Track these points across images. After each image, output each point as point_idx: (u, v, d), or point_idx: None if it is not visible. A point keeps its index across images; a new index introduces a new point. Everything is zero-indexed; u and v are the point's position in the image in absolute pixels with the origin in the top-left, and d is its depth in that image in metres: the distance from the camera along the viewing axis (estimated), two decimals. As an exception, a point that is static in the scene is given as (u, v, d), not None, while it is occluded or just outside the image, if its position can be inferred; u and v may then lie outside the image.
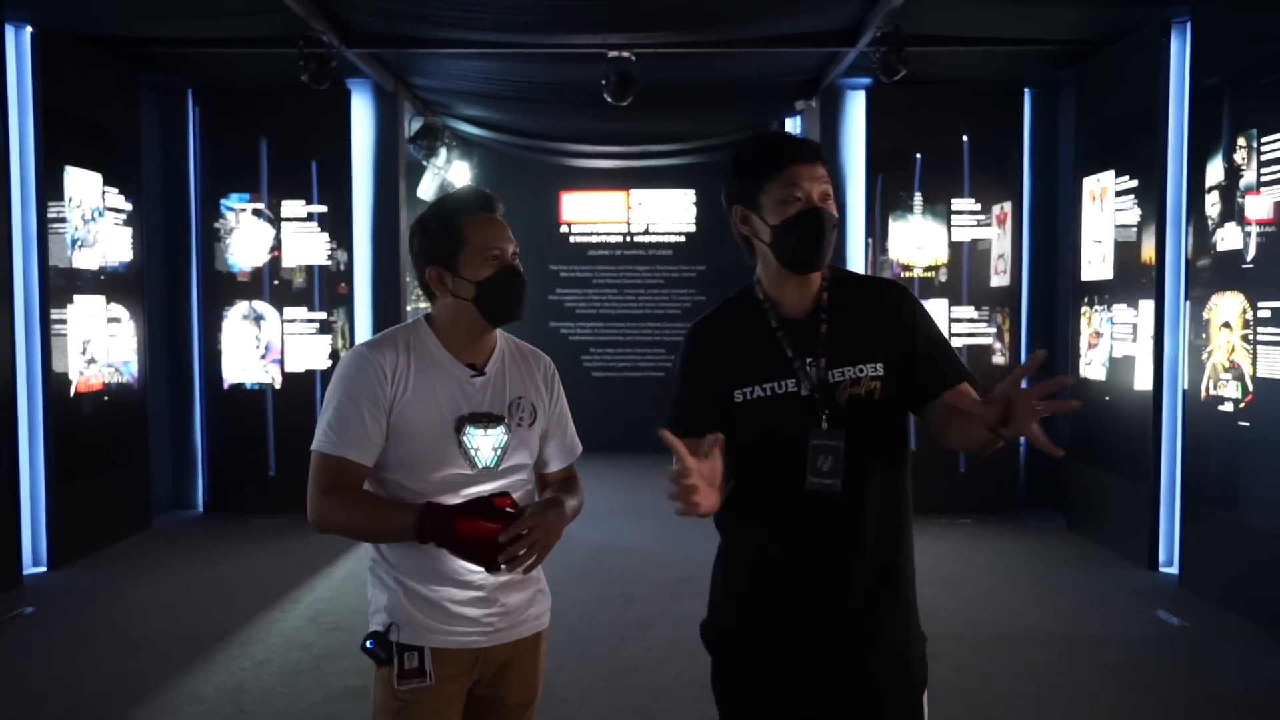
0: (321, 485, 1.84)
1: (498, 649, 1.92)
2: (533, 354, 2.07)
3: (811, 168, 1.74)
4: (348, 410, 1.83)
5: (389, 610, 1.88)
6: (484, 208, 1.92)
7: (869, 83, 6.72)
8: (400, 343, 1.90)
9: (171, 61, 6.45)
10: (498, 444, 1.91)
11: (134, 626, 4.62)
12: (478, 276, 1.87)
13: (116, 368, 6.24)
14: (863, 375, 1.74)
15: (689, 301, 10.02)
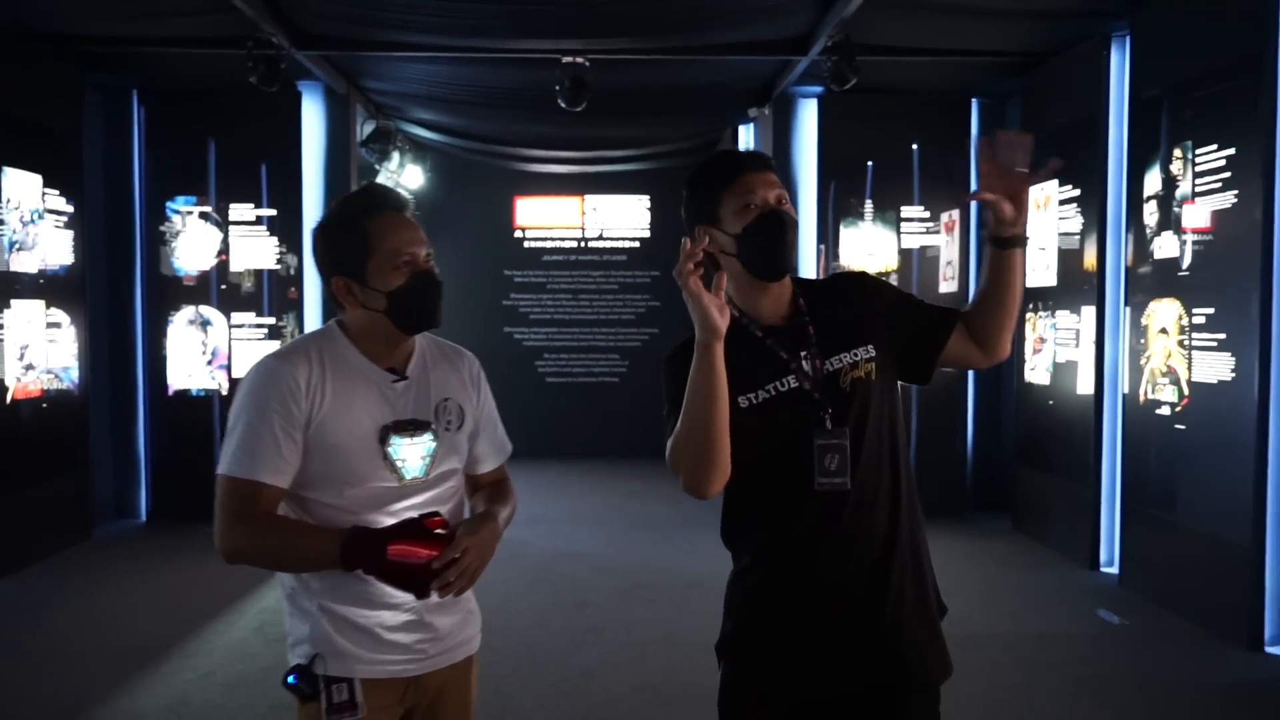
0: (232, 512, 1.67)
1: (430, 677, 1.81)
2: (455, 352, 1.96)
3: (762, 174, 1.76)
4: (259, 428, 1.67)
5: (312, 640, 1.74)
6: (392, 208, 1.77)
7: (821, 91, 6.80)
8: (312, 351, 1.75)
9: (117, 61, 6.33)
10: (426, 452, 1.78)
11: (72, 640, 4.51)
12: (388, 286, 1.73)
13: (56, 374, 6.10)
14: (858, 359, 1.77)
15: (643, 306, 10.05)
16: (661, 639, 4.47)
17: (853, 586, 1.75)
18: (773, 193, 1.76)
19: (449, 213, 9.86)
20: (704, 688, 3.84)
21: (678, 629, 4.61)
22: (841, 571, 1.75)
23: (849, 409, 1.74)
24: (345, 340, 1.79)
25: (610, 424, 9.91)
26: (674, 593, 5.20)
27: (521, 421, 9.68)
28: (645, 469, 9.12)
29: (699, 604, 4.99)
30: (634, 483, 8.54)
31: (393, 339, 1.80)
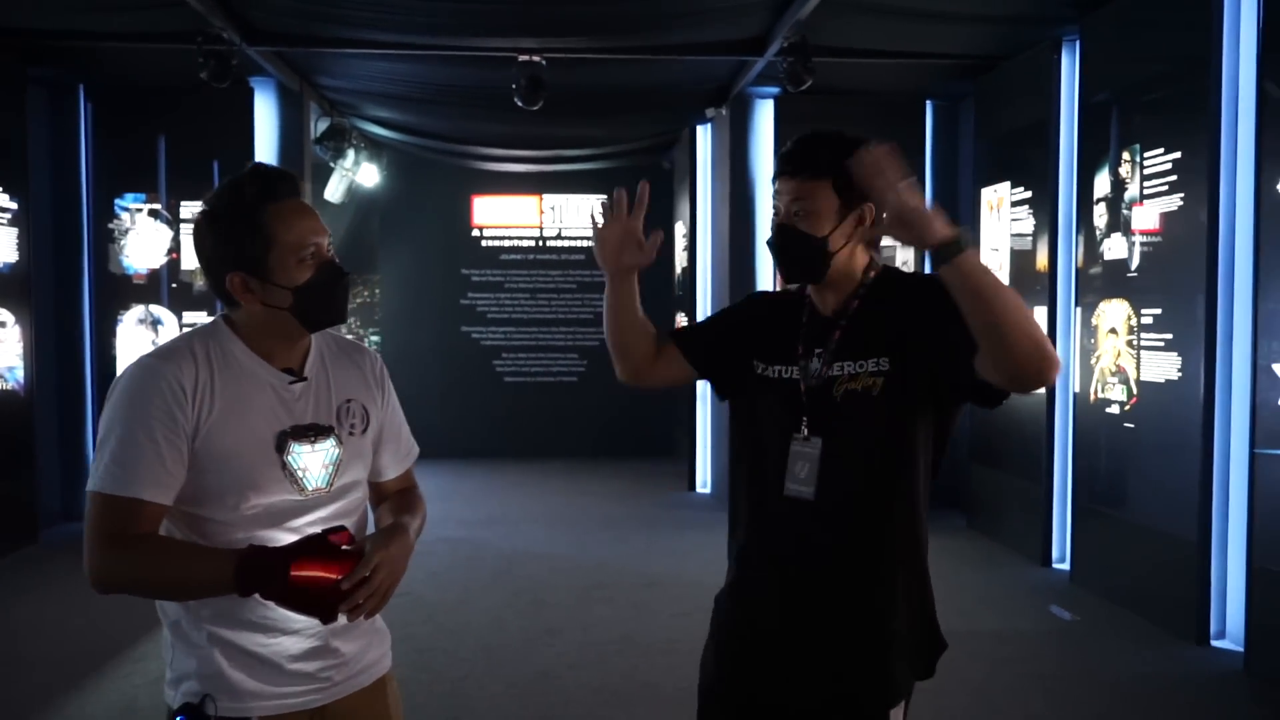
0: (106, 534, 1.48)
1: (337, 706, 1.64)
2: (356, 349, 1.77)
3: (784, 182, 1.78)
4: (138, 439, 1.48)
5: (200, 678, 1.55)
6: (289, 193, 1.58)
7: (777, 92, 6.84)
8: (197, 350, 1.56)
9: (63, 55, 6.19)
10: (329, 459, 1.61)
11: (17, 646, 4.41)
12: (294, 281, 1.55)
13: (1, 374, 5.95)
14: (862, 370, 1.72)
15: (601, 306, 9.98)
16: (620, 639, 4.47)
17: (795, 602, 1.77)
18: (785, 203, 1.78)
19: (406, 211, 9.78)
20: (662, 688, 3.86)
21: (636, 629, 4.61)
22: (787, 580, 1.77)
23: (831, 419, 1.73)
24: (234, 338, 1.60)
25: (568, 423, 9.89)
26: (632, 593, 5.20)
27: (479, 421, 9.78)
28: (603, 469, 9.12)
29: (657, 604, 5.00)
30: (592, 483, 8.53)
31: (291, 336, 1.63)
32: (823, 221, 1.75)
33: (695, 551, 6.11)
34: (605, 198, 1.93)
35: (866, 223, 1.77)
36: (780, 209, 1.78)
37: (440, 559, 5.86)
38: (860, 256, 1.80)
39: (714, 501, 7.66)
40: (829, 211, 1.75)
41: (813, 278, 1.81)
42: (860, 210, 1.76)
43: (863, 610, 1.74)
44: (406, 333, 9.86)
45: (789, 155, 1.78)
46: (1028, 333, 1.50)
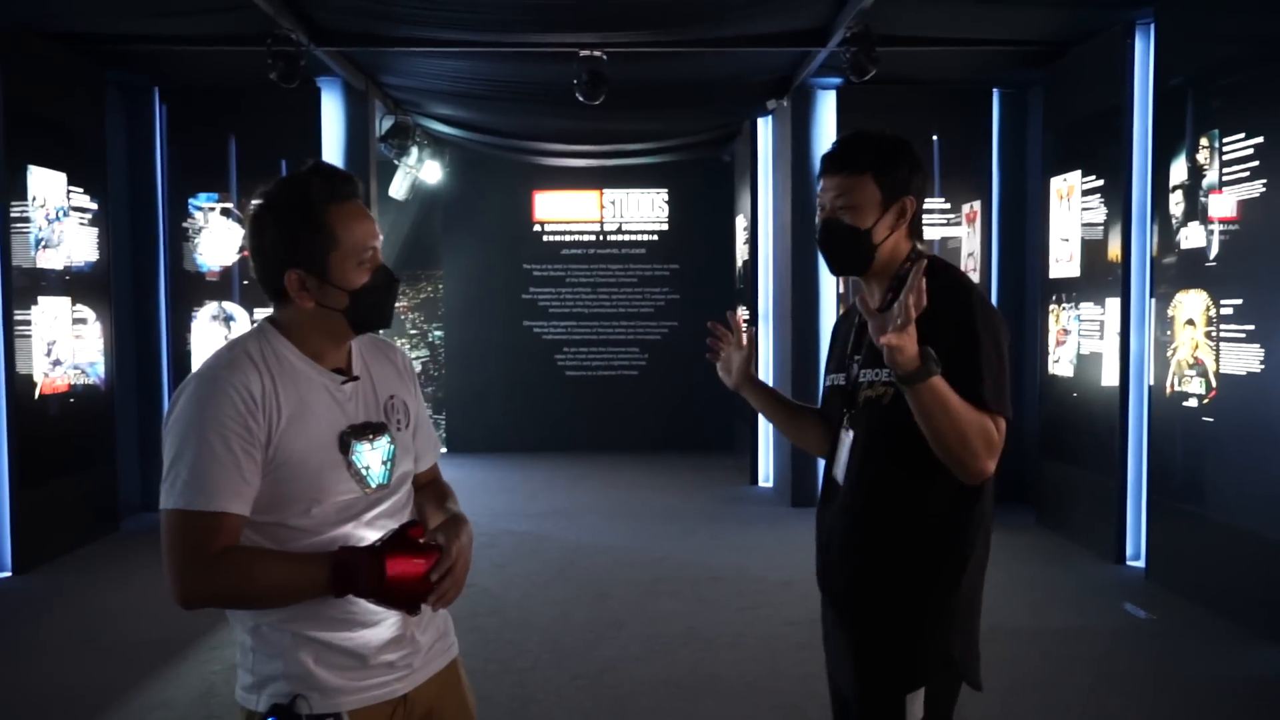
0: (192, 551, 1.46)
1: (418, 692, 1.66)
2: (385, 345, 1.79)
3: (827, 179, 1.88)
4: (215, 451, 1.47)
5: (288, 679, 1.54)
6: (351, 195, 1.58)
7: (839, 82, 6.76)
8: (255, 357, 1.56)
9: (138, 59, 6.37)
10: (386, 455, 1.63)
11: (101, 632, 4.56)
12: (352, 284, 1.56)
13: (83, 369, 6.16)
14: (877, 379, 1.84)
15: (662, 300, 10.04)
16: (684, 632, 4.47)
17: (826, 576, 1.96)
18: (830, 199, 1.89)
19: (468, 207, 9.89)
20: (727, 681, 3.86)
21: (700, 623, 4.61)
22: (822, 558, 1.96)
23: (860, 419, 1.88)
24: (283, 340, 1.60)
25: (630, 417, 9.91)
26: (696, 586, 5.20)
27: (541, 415, 9.86)
28: (665, 463, 9.13)
29: (722, 598, 4.99)
30: (655, 476, 8.54)
31: (337, 337, 1.64)
32: (866, 214, 1.86)
33: (758, 546, 6.09)
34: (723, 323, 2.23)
35: (908, 215, 1.88)
36: (825, 206, 1.89)
37: (505, 552, 5.93)
38: (902, 247, 1.90)
39: (776, 496, 7.62)
40: (871, 204, 1.86)
41: (859, 269, 1.91)
42: (901, 203, 1.87)
43: (881, 593, 1.84)
44: (469, 328, 9.97)
45: (831, 154, 1.90)
46: (959, 451, 1.69)
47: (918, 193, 1.89)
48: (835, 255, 1.92)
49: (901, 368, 1.65)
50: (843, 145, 1.90)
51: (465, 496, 5.64)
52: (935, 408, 1.67)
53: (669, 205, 10.00)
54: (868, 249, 1.86)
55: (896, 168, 1.87)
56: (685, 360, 9.85)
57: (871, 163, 1.85)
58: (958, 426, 1.67)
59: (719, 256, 9.51)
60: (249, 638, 1.59)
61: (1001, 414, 1.73)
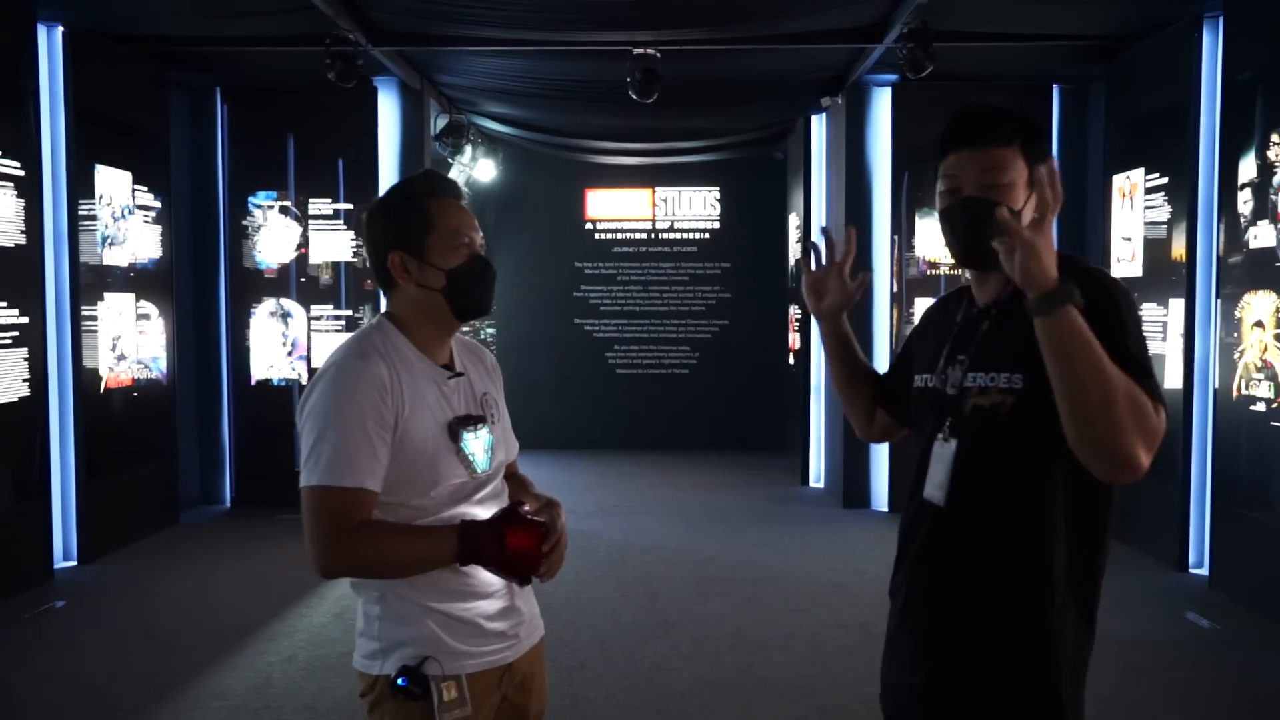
0: (334, 524, 1.61)
1: (519, 661, 1.82)
2: (477, 346, 1.95)
3: (967, 154, 1.59)
4: (354, 433, 1.62)
5: (416, 643, 1.69)
6: (452, 193, 1.77)
7: (895, 79, 6.68)
8: (380, 349, 1.72)
9: (200, 60, 6.50)
10: (487, 444, 1.79)
11: (161, 622, 4.67)
12: (448, 264, 1.72)
13: (146, 364, 6.31)
14: (992, 385, 1.57)
15: (713, 298, 10.01)
16: (733, 633, 4.45)
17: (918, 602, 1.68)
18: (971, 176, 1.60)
19: (521, 205, 9.94)
20: (776, 683, 3.84)
21: (750, 623, 4.59)
22: (912, 583, 1.69)
23: (965, 429, 1.63)
24: (399, 334, 1.76)
25: (681, 416, 9.90)
26: (746, 586, 5.18)
27: (592, 413, 9.89)
28: (715, 462, 9.10)
29: (771, 599, 4.96)
30: (704, 476, 8.52)
31: (445, 328, 1.79)
32: (1017, 193, 1.58)
33: (809, 547, 6.04)
34: (814, 241, 1.98)
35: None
36: (960, 185, 1.60)
37: (554, 548, 5.94)
38: None
39: (827, 496, 7.56)
40: (1021, 182, 1.58)
41: (974, 260, 1.65)
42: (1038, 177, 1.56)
43: (981, 624, 1.59)
44: (521, 325, 10.03)
45: (966, 126, 1.61)
46: (1102, 419, 1.39)
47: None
48: (978, 242, 1.55)
49: (1037, 283, 1.40)
50: (978, 114, 1.61)
51: (517, 494, 5.36)
52: (1074, 344, 1.39)
53: (721, 203, 9.96)
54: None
55: (1038, 138, 1.60)
56: (736, 359, 9.83)
57: (1018, 133, 1.58)
58: (1102, 379, 1.38)
59: (771, 255, 9.45)
60: (377, 607, 1.73)
61: (1156, 398, 1.43)
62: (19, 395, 5.08)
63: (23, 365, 5.11)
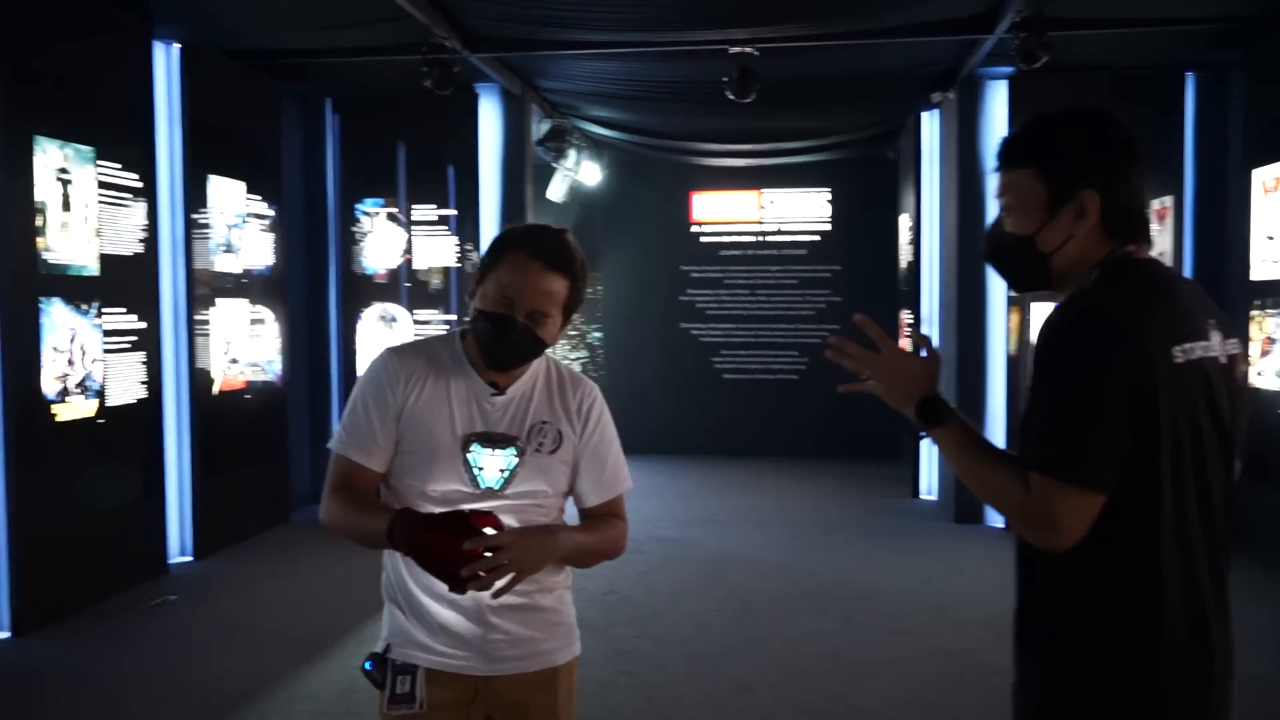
0: (330, 484, 1.83)
1: (506, 684, 1.80)
2: (573, 381, 1.93)
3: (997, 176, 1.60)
4: (360, 411, 1.81)
5: (390, 628, 1.83)
6: (534, 254, 1.76)
7: (1011, 71, 6.33)
8: (426, 351, 1.86)
9: (310, 71, 6.68)
10: (506, 465, 1.80)
11: (263, 619, 4.78)
12: (482, 306, 1.78)
13: (260, 367, 6.51)
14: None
15: (823, 302, 9.75)
16: (827, 655, 4.27)
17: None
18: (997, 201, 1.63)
19: (626, 209, 9.90)
20: (866, 712, 3.64)
21: (845, 645, 4.39)
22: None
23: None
24: (460, 347, 1.86)
25: (787, 422, 9.67)
26: (845, 605, 4.97)
27: (697, 418, 9.76)
28: (822, 471, 8.86)
29: (871, 619, 4.74)
30: (809, 484, 8.29)
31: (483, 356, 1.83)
32: (1029, 217, 1.52)
33: (916, 564, 5.77)
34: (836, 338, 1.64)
35: (1090, 213, 1.48)
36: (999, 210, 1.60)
37: (651, 558, 5.86)
38: (1092, 253, 1.51)
39: (939, 510, 7.23)
40: (1036, 205, 1.51)
41: (1033, 283, 1.59)
42: (1078, 199, 1.49)
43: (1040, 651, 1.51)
44: (626, 329, 9.99)
45: (998, 147, 1.59)
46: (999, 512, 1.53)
47: (1106, 183, 1.48)
48: (1000, 268, 1.63)
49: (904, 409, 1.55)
50: (1010, 134, 1.59)
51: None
52: (950, 459, 1.53)
53: (831, 205, 9.70)
54: (1034, 261, 1.53)
55: (1065, 155, 1.50)
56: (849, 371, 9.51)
57: (1033, 151, 1.52)
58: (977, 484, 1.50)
59: (882, 258, 9.13)
60: (383, 593, 1.87)
61: (1053, 474, 1.37)
62: (137, 397, 5.30)
63: (140, 368, 5.33)
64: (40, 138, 4.65)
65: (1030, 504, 1.40)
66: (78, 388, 4.87)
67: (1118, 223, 1.50)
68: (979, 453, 1.49)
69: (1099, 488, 1.37)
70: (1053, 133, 1.53)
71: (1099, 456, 1.37)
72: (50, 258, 4.71)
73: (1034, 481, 1.39)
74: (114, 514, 5.12)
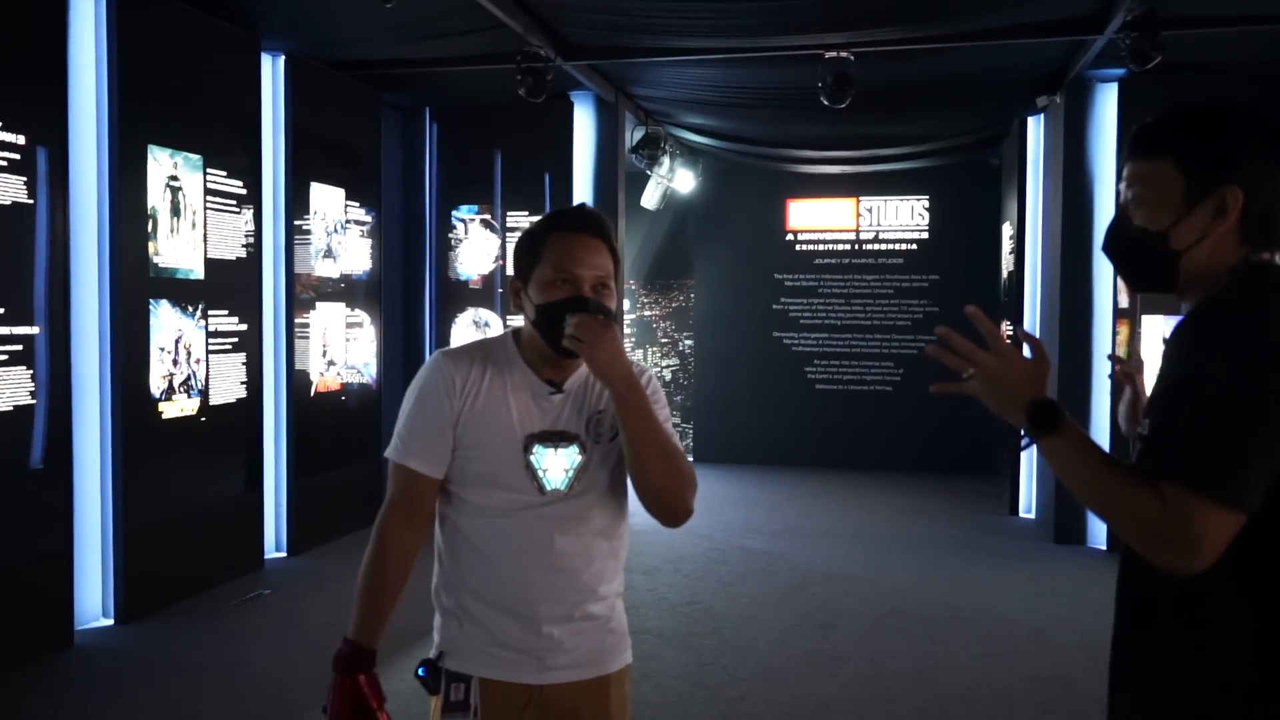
0: (391, 492, 1.81)
1: (559, 692, 1.77)
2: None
3: (1127, 165, 1.47)
4: (416, 418, 1.78)
5: (443, 635, 1.81)
6: (577, 227, 1.75)
7: (1122, 74, 6.06)
8: (479, 353, 1.82)
9: (410, 81, 6.83)
10: (570, 465, 1.76)
11: (348, 618, 4.85)
12: (541, 299, 1.73)
13: (357, 369, 6.68)
14: (1141, 432, 1.42)
15: (920, 312, 9.51)
16: (911, 676, 4.13)
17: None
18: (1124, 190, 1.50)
19: (720, 216, 9.85)
20: (947, 740, 3.49)
21: (930, 667, 4.24)
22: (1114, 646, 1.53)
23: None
24: (514, 348, 1.82)
25: (881, 434, 9.46)
26: (931, 625, 4.81)
27: (788, 428, 9.64)
28: (915, 485, 8.63)
29: (958, 641, 4.58)
30: (901, 499, 8.08)
31: (547, 355, 1.78)
32: (1162, 211, 1.40)
33: (1009, 585, 5.56)
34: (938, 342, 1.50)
35: (1230, 212, 1.36)
36: (1121, 201, 1.48)
37: (734, 569, 5.78)
38: (1224, 256, 1.39)
39: (1037, 529, 6.96)
40: (1171, 198, 1.39)
41: (1157, 284, 1.45)
42: (1220, 194, 1.36)
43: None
44: (719, 337, 9.92)
45: (1133, 134, 1.46)
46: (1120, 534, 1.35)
47: (1252, 180, 1.36)
48: (1123, 265, 1.50)
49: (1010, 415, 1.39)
50: (1149, 120, 1.45)
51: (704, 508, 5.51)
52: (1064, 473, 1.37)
53: (929, 212, 9.46)
54: (1162, 259, 1.40)
55: (1210, 146, 1.38)
56: (944, 376, 9.21)
57: (1174, 141, 1.39)
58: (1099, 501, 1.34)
59: (983, 267, 8.86)
60: (433, 596, 1.86)
61: (1198, 488, 1.25)
62: (237, 397, 5.49)
63: (241, 369, 5.52)
64: (153, 146, 4.87)
65: (1168, 519, 1.26)
66: (182, 387, 5.07)
67: (1257, 226, 1.38)
68: (1101, 460, 1.33)
69: (1246, 508, 1.25)
70: (1197, 122, 1.40)
71: (1251, 475, 1.25)
72: (159, 261, 4.91)
73: (1171, 494, 1.26)
74: (214, 510, 5.31)
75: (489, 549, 1.77)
